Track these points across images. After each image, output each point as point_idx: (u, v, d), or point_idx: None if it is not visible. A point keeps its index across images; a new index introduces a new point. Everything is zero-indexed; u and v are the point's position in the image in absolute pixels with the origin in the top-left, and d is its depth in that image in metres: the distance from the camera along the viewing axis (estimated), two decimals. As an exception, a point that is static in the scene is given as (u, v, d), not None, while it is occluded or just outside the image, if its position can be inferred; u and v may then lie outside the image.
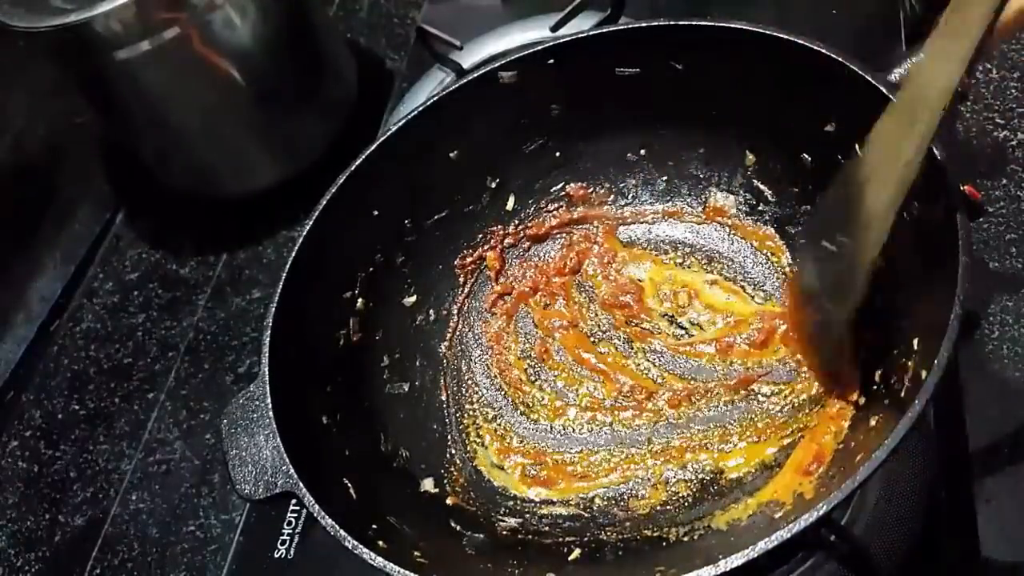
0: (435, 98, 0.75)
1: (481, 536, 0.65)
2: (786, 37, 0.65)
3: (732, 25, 0.67)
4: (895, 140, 0.54)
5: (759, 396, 0.69)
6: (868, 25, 0.93)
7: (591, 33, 0.75)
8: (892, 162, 0.54)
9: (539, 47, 0.74)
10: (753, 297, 0.74)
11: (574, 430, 0.73)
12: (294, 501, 0.77)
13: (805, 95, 0.66)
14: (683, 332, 0.75)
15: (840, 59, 0.62)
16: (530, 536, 0.66)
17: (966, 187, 0.55)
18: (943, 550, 0.63)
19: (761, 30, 0.66)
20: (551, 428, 0.73)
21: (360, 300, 0.74)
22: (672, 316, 0.76)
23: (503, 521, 0.67)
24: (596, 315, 0.78)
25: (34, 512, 0.88)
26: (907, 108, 0.53)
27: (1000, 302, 0.70)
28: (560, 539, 0.65)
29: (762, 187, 0.76)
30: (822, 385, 0.65)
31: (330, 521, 0.54)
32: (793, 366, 0.69)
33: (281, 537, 0.76)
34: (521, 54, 0.74)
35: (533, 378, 0.77)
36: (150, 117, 0.94)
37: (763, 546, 0.47)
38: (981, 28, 0.48)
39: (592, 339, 0.77)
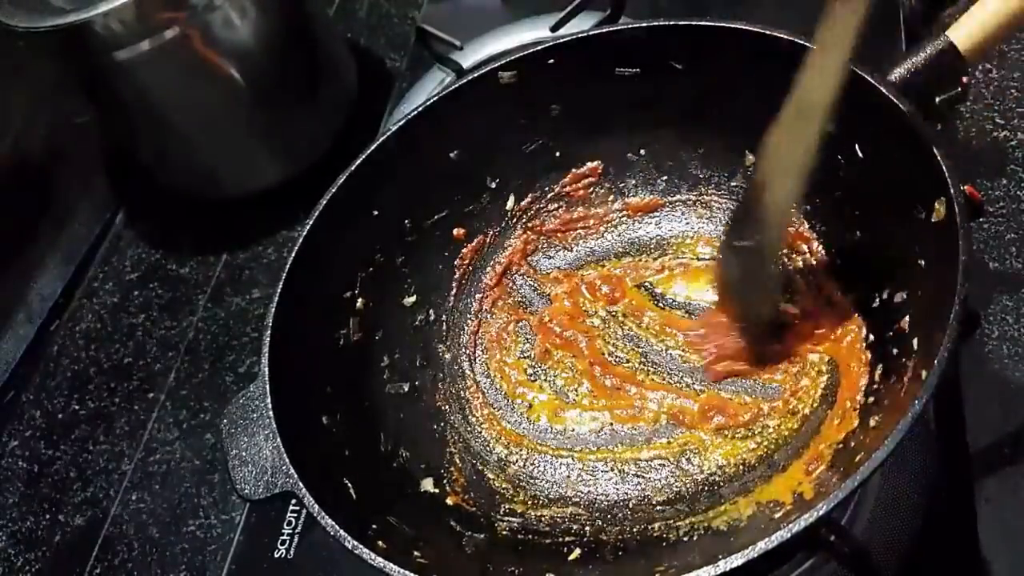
0: (435, 98, 0.75)
1: (481, 536, 0.65)
2: (786, 37, 0.65)
3: (732, 25, 0.67)
4: (786, 146, 0.61)
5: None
6: (868, 25, 0.92)
7: (591, 33, 0.75)
8: (786, 165, 0.62)
9: (539, 47, 0.74)
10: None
11: (574, 430, 0.73)
12: (294, 501, 0.77)
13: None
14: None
15: (840, 59, 0.62)
16: (530, 536, 0.66)
17: (966, 187, 0.55)
18: (943, 550, 0.63)
19: (761, 30, 0.66)
20: (551, 428, 0.73)
21: (360, 300, 0.74)
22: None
23: (503, 521, 0.67)
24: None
25: (34, 512, 0.88)
26: (794, 117, 0.59)
27: (1000, 302, 0.70)
28: (560, 539, 0.65)
29: (762, 187, 0.76)
30: (753, 363, 0.70)
31: (330, 521, 0.54)
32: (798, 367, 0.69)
33: (281, 537, 0.76)
34: (521, 54, 0.74)
35: (533, 378, 0.77)
36: (150, 117, 0.94)
37: (763, 546, 0.47)
38: (851, 41, 0.55)
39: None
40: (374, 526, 0.58)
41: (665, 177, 0.80)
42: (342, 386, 0.70)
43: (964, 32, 0.58)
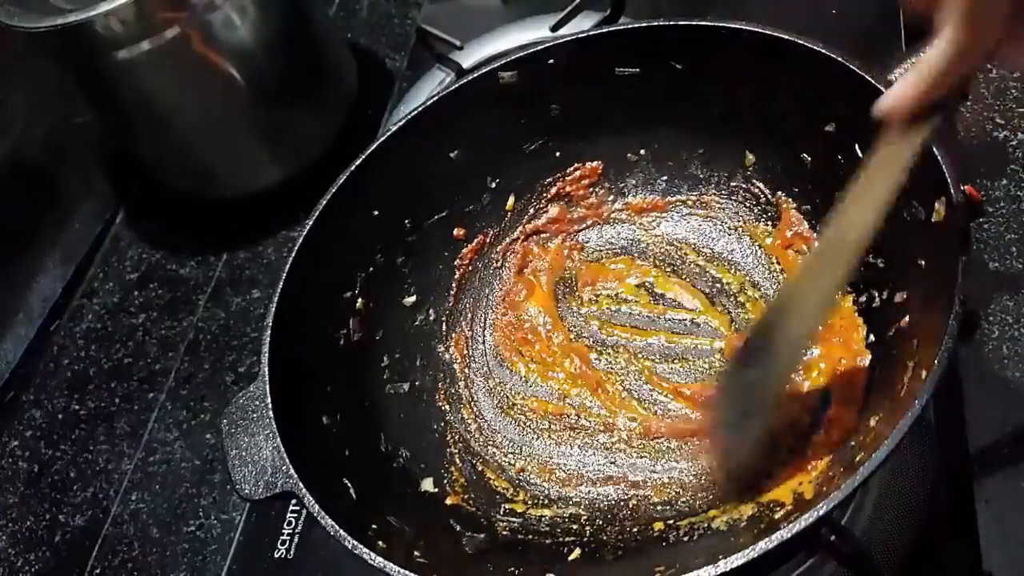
0: (435, 98, 0.75)
1: (481, 536, 0.65)
2: (786, 37, 0.65)
3: (732, 25, 0.67)
4: (816, 277, 0.56)
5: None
6: (868, 25, 0.93)
7: (591, 33, 0.75)
8: (811, 297, 0.56)
9: (539, 47, 0.74)
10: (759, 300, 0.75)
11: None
12: (294, 501, 0.77)
13: (805, 95, 0.66)
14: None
15: (840, 59, 0.62)
16: (530, 536, 0.66)
17: (966, 187, 0.55)
18: (943, 550, 0.63)
19: (761, 30, 0.66)
20: (551, 428, 0.73)
21: (360, 300, 0.74)
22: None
23: (503, 521, 0.67)
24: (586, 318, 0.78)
25: (34, 512, 0.88)
26: (829, 250, 0.55)
27: (1000, 302, 0.70)
28: (560, 539, 0.65)
29: (762, 187, 0.76)
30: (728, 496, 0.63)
31: (330, 521, 0.54)
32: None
33: (281, 537, 0.76)
34: (521, 54, 0.74)
35: (533, 378, 0.77)
36: (150, 117, 0.94)
37: (763, 546, 0.47)
38: (900, 178, 0.50)
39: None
40: (374, 526, 0.58)
41: (665, 177, 0.80)
42: (342, 386, 0.70)
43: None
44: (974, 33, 0.45)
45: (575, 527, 0.66)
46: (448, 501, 0.68)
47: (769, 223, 0.76)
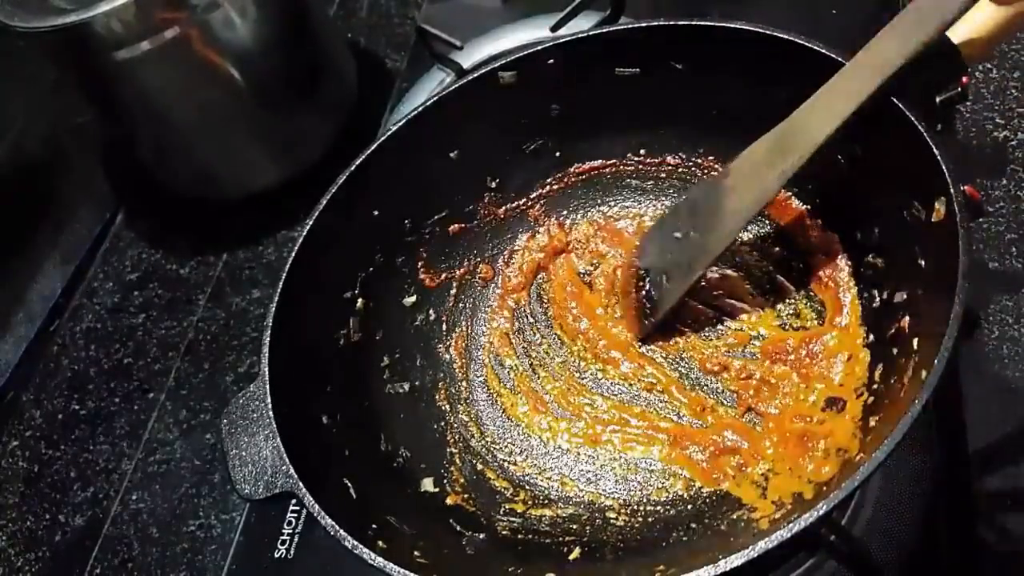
0: (435, 98, 0.75)
1: (481, 536, 0.65)
2: (786, 37, 0.65)
3: (732, 25, 0.67)
4: (762, 165, 0.61)
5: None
6: (868, 25, 0.93)
7: (591, 33, 0.75)
8: (754, 183, 0.62)
9: (539, 47, 0.74)
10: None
11: (574, 430, 0.73)
12: (294, 501, 0.77)
13: (805, 95, 0.66)
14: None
15: (840, 59, 0.62)
16: (530, 536, 0.66)
17: (966, 187, 0.55)
18: (943, 550, 0.63)
19: (761, 30, 0.66)
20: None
21: (360, 300, 0.74)
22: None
23: (503, 521, 0.67)
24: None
25: (34, 512, 0.88)
26: (780, 142, 0.60)
27: (1000, 302, 0.70)
28: (560, 539, 0.65)
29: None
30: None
31: (330, 521, 0.54)
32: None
33: (281, 537, 0.76)
34: (521, 54, 0.74)
35: (533, 378, 0.77)
36: (150, 117, 0.94)
37: (763, 546, 0.47)
38: (867, 94, 0.56)
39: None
40: (374, 526, 0.58)
41: (665, 177, 0.80)
42: (342, 386, 0.70)
43: (964, 32, 0.58)
44: None
45: (575, 527, 0.66)
46: (448, 501, 0.68)
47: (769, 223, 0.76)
